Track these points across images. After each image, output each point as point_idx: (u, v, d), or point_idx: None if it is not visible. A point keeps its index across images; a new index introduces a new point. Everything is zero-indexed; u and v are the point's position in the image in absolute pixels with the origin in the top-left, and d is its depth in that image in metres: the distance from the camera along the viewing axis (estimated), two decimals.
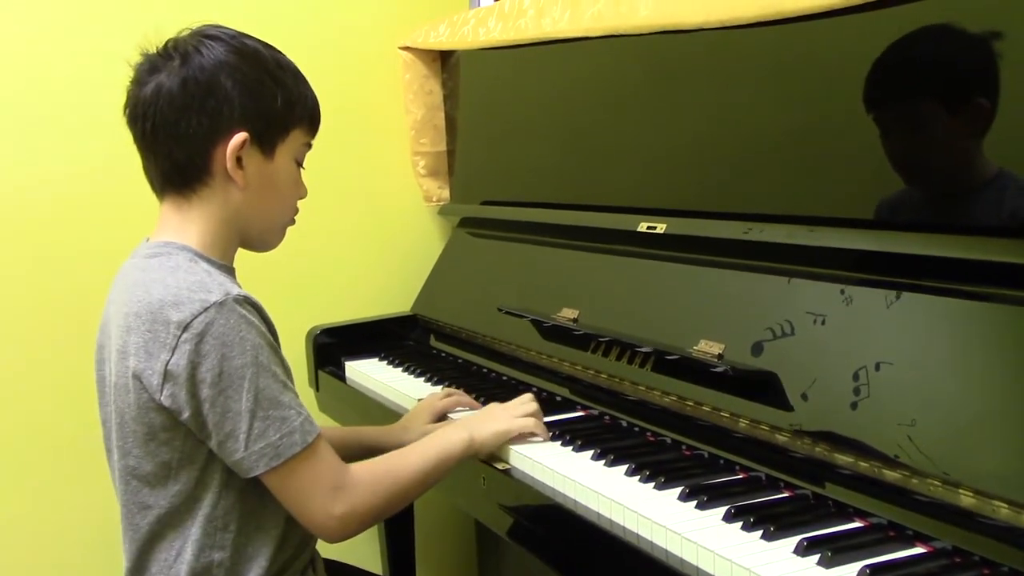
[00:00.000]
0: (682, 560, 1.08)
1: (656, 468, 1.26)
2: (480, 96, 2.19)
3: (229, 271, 1.23)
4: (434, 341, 2.08)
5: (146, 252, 1.20)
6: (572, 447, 1.37)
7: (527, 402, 1.44)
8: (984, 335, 1.08)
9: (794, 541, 1.04)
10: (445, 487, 1.34)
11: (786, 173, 1.39)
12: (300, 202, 1.30)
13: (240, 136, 1.18)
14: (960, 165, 1.19)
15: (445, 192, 2.28)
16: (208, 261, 1.19)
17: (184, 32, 1.22)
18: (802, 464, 1.19)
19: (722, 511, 1.13)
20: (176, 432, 1.14)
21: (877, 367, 1.14)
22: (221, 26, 1.23)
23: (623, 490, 1.22)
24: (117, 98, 1.22)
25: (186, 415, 1.12)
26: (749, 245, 1.38)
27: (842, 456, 1.14)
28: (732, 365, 1.29)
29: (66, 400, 1.95)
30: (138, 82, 1.20)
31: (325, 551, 1.37)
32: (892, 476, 1.08)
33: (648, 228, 1.56)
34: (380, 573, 1.98)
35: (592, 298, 1.64)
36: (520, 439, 1.40)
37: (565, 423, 1.48)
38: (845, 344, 1.20)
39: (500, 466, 1.38)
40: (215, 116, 1.17)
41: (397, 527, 2.08)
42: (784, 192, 1.39)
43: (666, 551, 1.10)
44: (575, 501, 1.25)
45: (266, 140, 1.21)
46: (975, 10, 1.14)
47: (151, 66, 1.19)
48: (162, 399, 1.12)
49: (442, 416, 1.55)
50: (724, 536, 1.08)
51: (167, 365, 1.11)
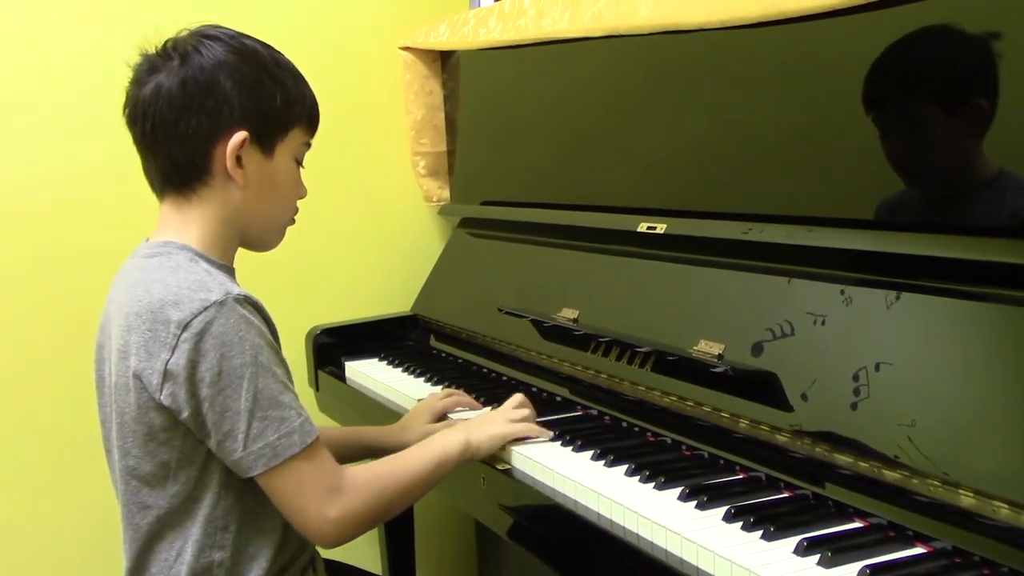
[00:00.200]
0: (682, 560, 1.08)
1: (656, 468, 1.26)
2: (480, 96, 2.19)
3: (229, 271, 1.23)
4: (434, 341, 2.08)
5: (146, 252, 1.20)
6: (572, 447, 1.37)
7: (520, 403, 1.44)
8: (984, 335, 1.08)
9: (794, 541, 1.04)
10: (445, 487, 1.34)
11: (786, 173, 1.39)
12: (300, 202, 1.30)
13: (240, 135, 1.18)
14: (960, 165, 1.19)
15: (445, 192, 2.28)
16: (208, 261, 1.19)
17: (183, 32, 1.22)
18: (802, 464, 1.19)
19: (722, 511, 1.13)
20: (175, 432, 1.14)
21: (877, 367, 1.14)
22: (220, 26, 1.23)
23: (623, 490, 1.22)
24: (117, 98, 1.22)
25: (185, 414, 1.12)
26: (749, 245, 1.38)
27: (842, 456, 1.14)
28: (732, 365, 1.29)
29: (66, 400, 1.95)
30: (137, 82, 1.20)
31: (325, 551, 1.37)
32: (892, 476, 1.08)
33: (648, 228, 1.56)
34: (380, 573, 1.99)
35: (592, 298, 1.64)
36: (519, 440, 1.39)
37: (565, 423, 1.48)
38: (845, 344, 1.20)
39: (500, 466, 1.38)
40: (214, 116, 1.17)
41: (397, 527, 2.08)
42: (784, 192, 1.39)
43: (666, 551, 1.10)
44: (575, 501, 1.25)
45: (266, 139, 1.21)
46: (975, 10, 1.14)
47: (150, 66, 1.19)
48: (162, 398, 1.12)
49: (442, 416, 1.55)
50: (724, 536, 1.08)
51: (167, 364, 1.11)
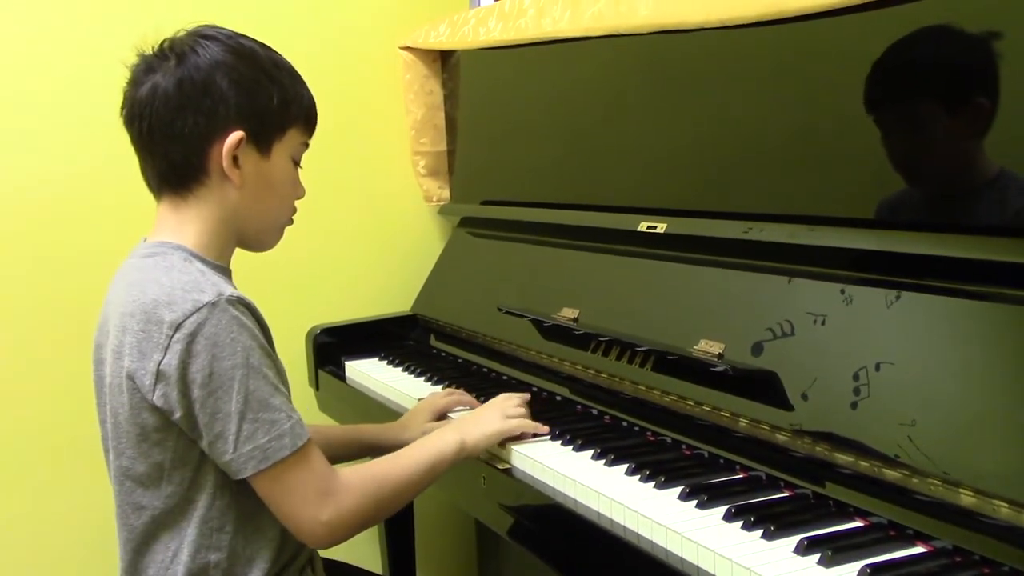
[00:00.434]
0: (682, 559, 1.08)
1: (656, 467, 1.26)
2: (480, 96, 2.19)
3: (225, 271, 1.23)
4: (434, 341, 2.08)
5: (143, 252, 1.20)
6: (572, 447, 1.37)
7: (513, 397, 1.44)
8: (984, 335, 1.08)
9: (794, 540, 1.04)
10: (445, 486, 1.34)
11: (786, 173, 1.39)
12: (301, 202, 1.30)
13: (236, 135, 1.18)
14: (961, 165, 1.19)
15: (445, 192, 2.28)
16: (203, 261, 1.19)
17: (180, 32, 1.22)
18: (802, 463, 1.19)
19: (722, 510, 1.13)
20: (169, 433, 1.14)
21: (877, 367, 1.14)
22: (217, 26, 1.22)
23: (623, 489, 1.22)
24: (117, 98, 1.22)
25: (178, 415, 1.12)
26: (749, 245, 1.38)
27: (842, 456, 1.14)
28: (732, 365, 1.29)
29: (65, 400, 1.95)
30: (134, 82, 1.20)
31: (324, 550, 1.37)
32: (892, 475, 1.08)
33: (648, 228, 1.56)
34: (380, 572, 1.99)
35: (592, 298, 1.64)
36: (518, 438, 1.39)
37: (565, 422, 1.48)
38: (845, 344, 1.20)
39: (500, 466, 1.38)
40: (211, 115, 1.17)
41: (397, 526, 2.08)
42: (784, 192, 1.39)
43: (666, 550, 1.10)
44: (575, 500, 1.25)
45: (262, 139, 1.21)
46: (976, 10, 1.14)
47: (147, 66, 1.19)
48: (154, 399, 1.12)
49: (442, 415, 1.55)
50: (724, 535, 1.08)
51: (159, 365, 1.11)
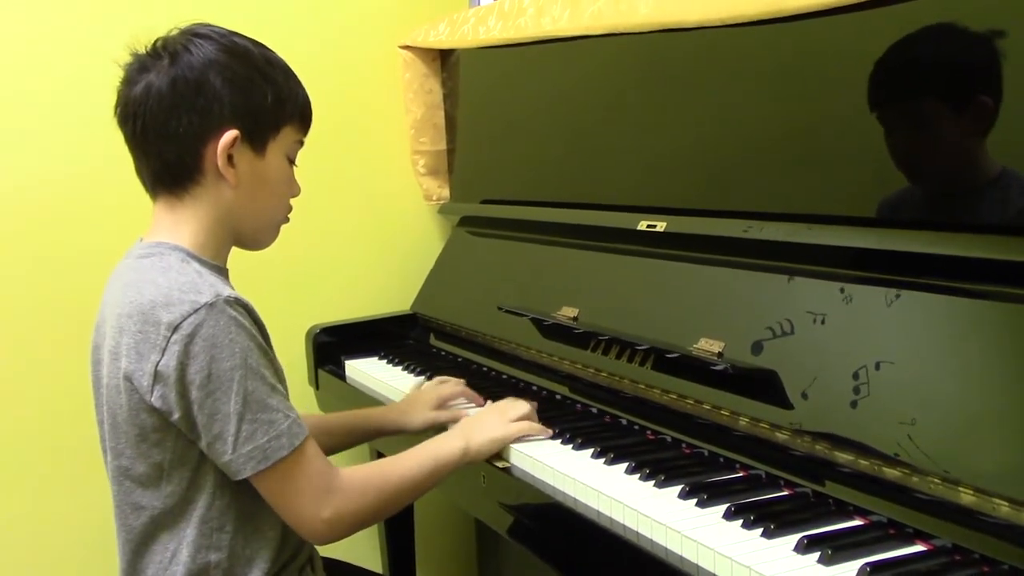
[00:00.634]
0: (682, 558, 1.08)
1: (656, 466, 1.26)
2: (480, 95, 2.19)
3: (221, 271, 1.23)
4: (434, 340, 2.08)
5: (139, 253, 1.20)
6: (572, 445, 1.37)
7: (517, 402, 1.44)
8: (984, 333, 1.08)
9: (794, 539, 1.04)
10: (445, 485, 1.34)
11: (786, 171, 1.39)
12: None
13: (231, 134, 1.17)
14: (962, 164, 1.19)
15: (445, 191, 2.28)
16: (200, 261, 1.19)
17: (174, 31, 1.21)
18: (802, 462, 1.19)
19: (722, 509, 1.13)
20: (167, 433, 1.14)
21: (877, 366, 1.14)
22: (211, 24, 1.22)
23: (623, 488, 1.22)
24: (112, 98, 1.22)
25: (176, 416, 1.12)
26: (749, 243, 1.38)
27: (842, 454, 1.14)
28: (732, 363, 1.29)
29: (65, 400, 1.95)
30: (128, 82, 1.19)
31: (324, 549, 1.37)
32: (892, 474, 1.08)
33: (648, 227, 1.56)
34: (380, 571, 1.99)
35: (592, 296, 1.64)
36: (519, 439, 1.39)
37: (565, 421, 1.48)
38: (845, 343, 1.19)
39: (500, 464, 1.38)
40: (205, 114, 1.16)
41: (397, 525, 2.08)
42: (784, 190, 1.39)
43: (666, 549, 1.10)
44: (575, 499, 1.25)
45: (257, 138, 1.20)
46: (977, 8, 1.14)
47: (140, 66, 1.19)
48: (152, 400, 1.12)
49: (445, 404, 1.56)
50: (724, 534, 1.08)
51: (157, 366, 1.11)
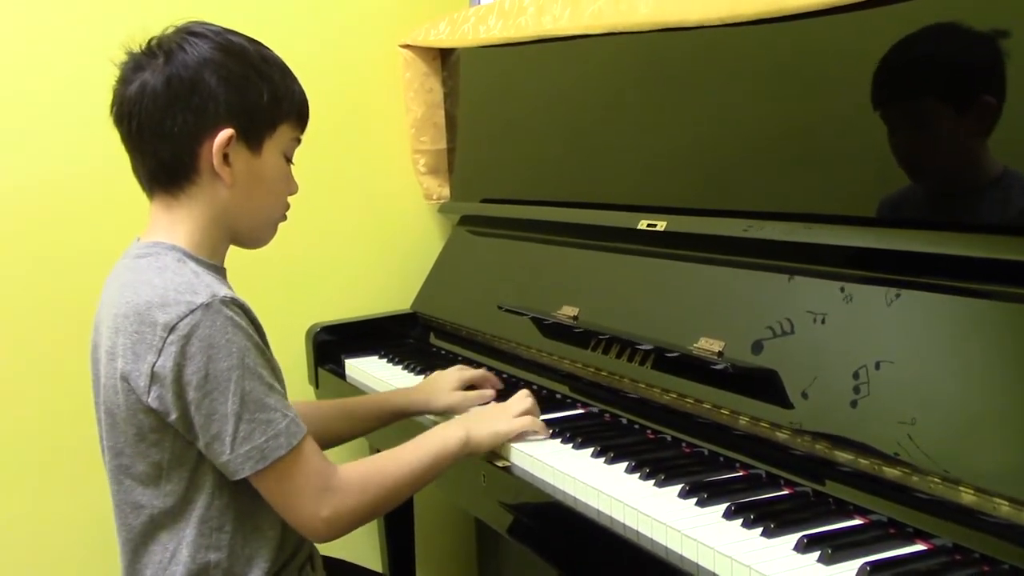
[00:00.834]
0: (682, 557, 1.08)
1: (656, 465, 1.26)
2: (480, 94, 2.19)
3: (218, 271, 1.23)
4: (434, 339, 2.08)
5: (136, 252, 1.20)
6: (572, 444, 1.37)
7: (523, 399, 1.45)
8: (984, 333, 1.08)
9: (794, 538, 1.04)
10: (445, 484, 1.34)
11: (786, 170, 1.39)
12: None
13: (226, 133, 1.17)
14: (964, 163, 1.19)
15: (445, 190, 2.28)
16: (197, 261, 1.18)
17: (169, 29, 1.21)
18: (802, 461, 1.19)
19: (722, 508, 1.13)
20: (165, 433, 1.14)
21: (877, 365, 1.14)
22: (206, 23, 1.22)
23: (623, 487, 1.22)
24: (109, 97, 1.22)
25: (173, 417, 1.12)
26: (749, 243, 1.38)
27: (842, 454, 1.14)
28: (732, 362, 1.29)
29: (64, 399, 1.95)
30: (123, 81, 1.19)
31: (324, 548, 1.37)
32: (892, 473, 1.08)
33: (648, 226, 1.56)
34: (380, 570, 1.99)
35: (592, 296, 1.64)
36: (519, 437, 1.40)
37: (565, 420, 1.48)
38: (845, 342, 1.19)
39: (500, 463, 1.38)
40: (200, 113, 1.16)
41: (397, 524, 2.08)
42: (784, 189, 1.39)
43: (666, 548, 1.10)
44: (575, 498, 1.25)
45: (253, 136, 1.20)
46: (978, 7, 1.14)
47: (136, 64, 1.18)
48: (149, 401, 1.12)
49: (470, 387, 1.59)
50: (724, 533, 1.08)
51: (154, 367, 1.11)
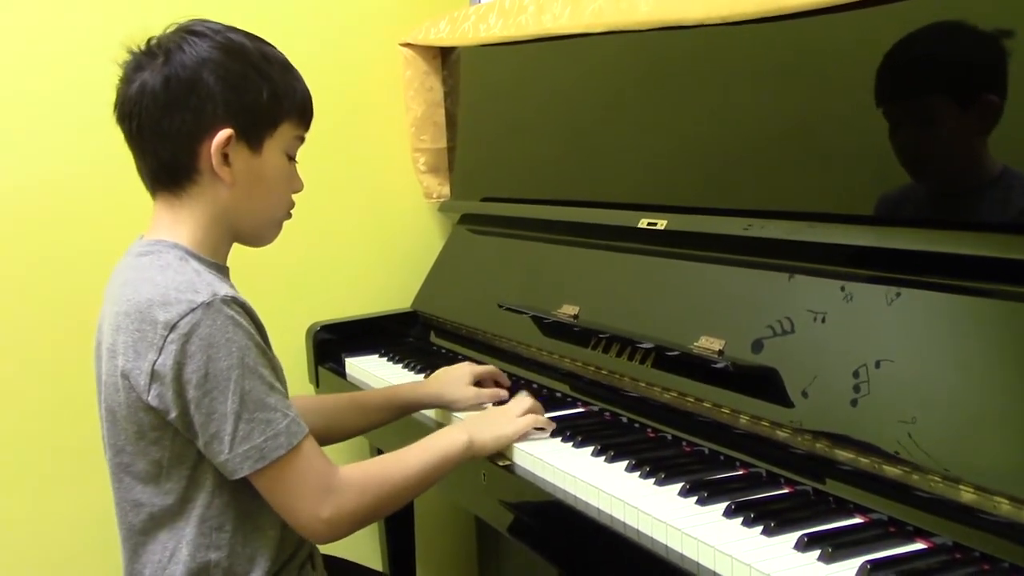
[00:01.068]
0: (682, 556, 1.08)
1: (656, 464, 1.26)
2: (480, 92, 2.18)
3: (220, 269, 1.22)
4: (434, 337, 2.08)
5: (138, 250, 1.20)
6: (573, 443, 1.37)
7: (524, 399, 1.45)
8: (984, 332, 1.08)
9: (795, 537, 1.04)
10: (446, 483, 1.34)
11: (787, 169, 1.39)
12: (301, 199, 1.29)
13: (224, 132, 1.16)
14: (964, 163, 1.19)
15: (445, 189, 2.28)
16: (198, 259, 1.18)
17: (170, 28, 1.21)
18: (803, 460, 1.19)
19: (722, 507, 1.13)
20: (165, 432, 1.14)
21: (877, 364, 1.14)
22: (207, 21, 1.21)
23: (623, 486, 1.22)
24: (113, 97, 1.22)
25: (173, 415, 1.12)
26: (750, 241, 1.38)
27: (842, 452, 1.14)
28: (733, 361, 1.29)
29: (65, 398, 1.95)
30: (125, 80, 1.19)
31: (324, 547, 1.37)
32: (892, 472, 1.08)
33: (649, 224, 1.56)
34: (380, 569, 1.99)
35: (593, 294, 1.64)
36: (521, 437, 1.39)
37: (565, 419, 1.48)
38: (845, 341, 1.20)
39: (501, 462, 1.38)
40: (198, 113, 1.16)
41: (397, 523, 2.09)
42: (785, 188, 1.39)
43: (666, 547, 1.10)
44: (575, 497, 1.25)
45: (253, 135, 1.19)
46: (978, 6, 1.14)
47: (136, 64, 1.18)
48: (149, 399, 1.12)
49: (480, 383, 1.59)
50: (725, 532, 1.08)
51: (154, 365, 1.11)
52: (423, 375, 1.79)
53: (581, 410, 1.55)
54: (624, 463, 1.29)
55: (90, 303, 1.34)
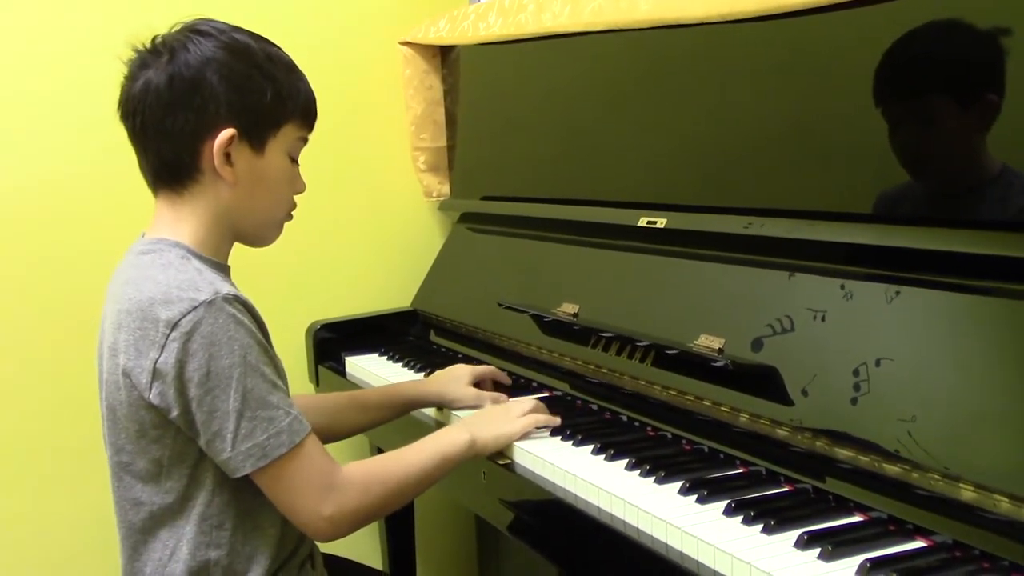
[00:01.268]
0: (682, 554, 1.08)
1: (656, 463, 1.26)
2: (480, 91, 2.18)
3: (222, 268, 1.22)
4: (434, 336, 2.08)
5: (140, 249, 1.20)
6: (572, 442, 1.37)
7: (525, 399, 1.45)
8: (984, 330, 1.08)
9: (795, 535, 1.04)
10: (446, 482, 1.34)
11: (787, 167, 1.39)
12: (300, 197, 1.29)
13: (227, 133, 1.16)
14: (963, 161, 1.19)
15: (445, 187, 2.28)
16: (200, 258, 1.18)
17: (176, 27, 1.21)
18: (802, 459, 1.19)
19: (722, 505, 1.13)
20: (167, 430, 1.14)
21: (877, 363, 1.14)
22: (212, 21, 1.21)
23: (624, 485, 1.22)
24: (117, 94, 1.22)
25: (175, 413, 1.12)
26: (749, 240, 1.38)
27: (842, 451, 1.14)
28: (732, 360, 1.29)
29: (67, 396, 1.95)
30: (129, 78, 1.19)
31: (324, 546, 1.37)
32: (892, 470, 1.08)
33: (648, 223, 1.56)
34: (380, 568, 1.99)
35: (592, 293, 1.64)
36: (523, 436, 1.39)
37: (566, 418, 1.47)
38: (845, 339, 1.20)
39: (501, 461, 1.38)
40: (201, 113, 1.16)
41: (397, 522, 2.09)
42: (785, 187, 1.39)
43: (667, 545, 1.10)
44: (575, 496, 1.25)
45: (255, 136, 1.19)
46: (978, 5, 1.14)
47: (141, 62, 1.19)
48: (151, 397, 1.12)
49: (479, 384, 1.59)
50: (725, 530, 1.08)
51: (156, 363, 1.11)
52: (423, 374, 1.79)
53: (581, 409, 1.54)
54: (624, 461, 1.29)
55: (91, 302, 1.34)
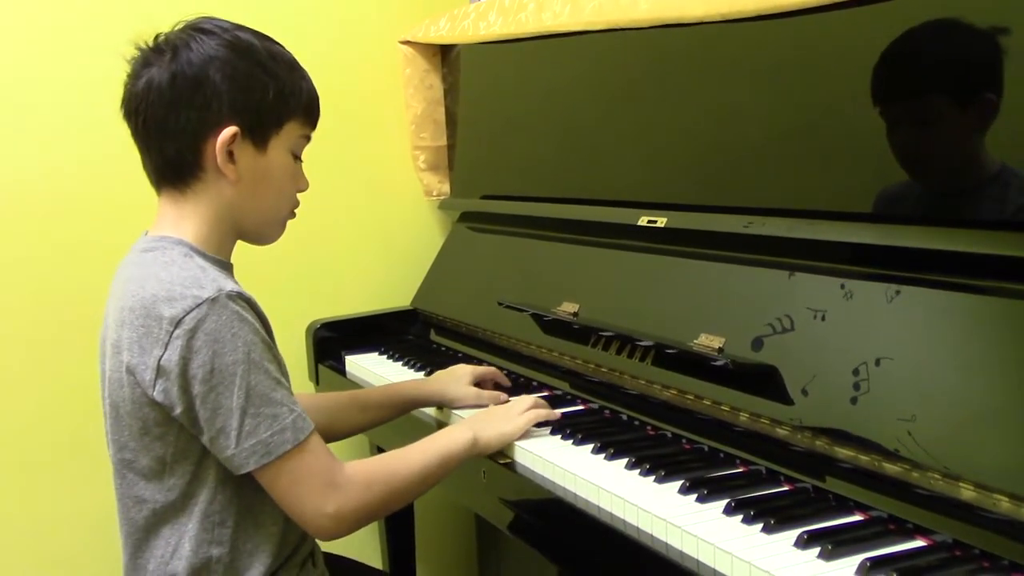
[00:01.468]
0: (683, 553, 1.08)
1: (656, 462, 1.26)
2: (480, 90, 2.18)
3: (225, 266, 1.23)
4: (434, 335, 2.08)
5: (142, 247, 1.20)
6: (573, 441, 1.37)
7: (526, 398, 1.46)
8: (984, 330, 1.08)
9: (795, 534, 1.04)
10: (446, 481, 1.34)
11: (787, 167, 1.39)
12: (301, 196, 1.29)
13: (229, 130, 1.17)
14: (962, 160, 1.19)
15: (445, 186, 2.28)
16: (203, 256, 1.19)
17: (178, 25, 1.21)
18: (802, 458, 1.19)
19: (723, 504, 1.13)
20: (170, 427, 1.14)
21: (877, 362, 1.14)
22: (215, 19, 1.22)
23: (624, 484, 1.22)
24: (120, 92, 1.22)
25: (179, 411, 1.12)
26: (750, 239, 1.38)
27: (842, 450, 1.14)
28: (732, 359, 1.29)
29: (68, 394, 1.95)
30: (132, 76, 1.19)
31: (325, 545, 1.37)
32: (892, 470, 1.08)
33: (648, 222, 1.56)
34: (380, 567, 1.99)
35: (592, 292, 1.64)
36: (524, 433, 1.40)
37: (566, 417, 1.48)
38: (845, 339, 1.20)
39: (501, 460, 1.38)
40: (204, 111, 1.16)
41: (398, 521, 2.09)
42: (785, 186, 1.39)
43: (667, 544, 1.10)
44: (575, 495, 1.25)
45: (258, 134, 1.20)
46: (977, 4, 1.14)
47: (144, 60, 1.19)
48: (155, 394, 1.12)
49: (480, 383, 1.59)
50: (725, 529, 1.08)
51: (159, 360, 1.11)
52: (423, 373, 1.80)
53: (581, 408, 1.54)
54: (624, 460, 1.29)
55: (94, 300, 1.34)
